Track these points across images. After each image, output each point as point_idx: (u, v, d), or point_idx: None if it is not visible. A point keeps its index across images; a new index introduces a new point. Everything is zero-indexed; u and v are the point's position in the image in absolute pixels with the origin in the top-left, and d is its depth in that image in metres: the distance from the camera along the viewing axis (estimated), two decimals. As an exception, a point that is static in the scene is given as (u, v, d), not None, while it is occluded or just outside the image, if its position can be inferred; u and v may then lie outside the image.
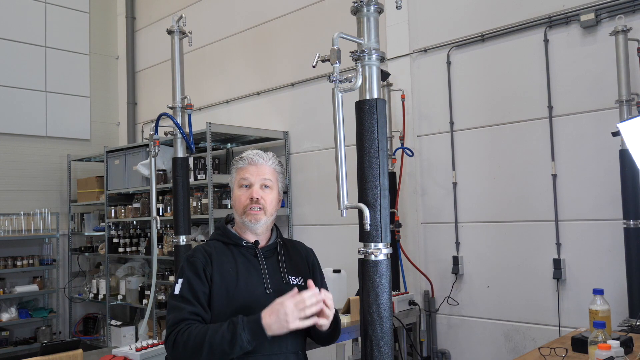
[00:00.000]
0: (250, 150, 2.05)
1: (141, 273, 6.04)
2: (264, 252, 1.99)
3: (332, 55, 1.72)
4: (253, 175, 1.99)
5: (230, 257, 1.94)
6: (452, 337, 4.11)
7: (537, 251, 3.68)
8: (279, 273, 1.97)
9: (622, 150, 3.12)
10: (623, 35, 3.16)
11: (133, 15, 7.28)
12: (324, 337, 1.99)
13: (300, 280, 2.00)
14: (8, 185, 6.28)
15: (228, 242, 1.99)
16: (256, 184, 1.98)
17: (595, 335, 2.02)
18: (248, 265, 1.94)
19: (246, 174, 1.99)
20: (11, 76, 6.36)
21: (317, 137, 4.97)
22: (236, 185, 2.01)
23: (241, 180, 1.99)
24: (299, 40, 5.16)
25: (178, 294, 1.87)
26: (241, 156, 2.04)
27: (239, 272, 1.91)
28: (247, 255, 1.97)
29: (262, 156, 2.02)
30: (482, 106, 3.98)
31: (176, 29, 3.21)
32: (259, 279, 1.92)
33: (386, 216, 1.77)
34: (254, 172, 1.99)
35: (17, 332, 6.18)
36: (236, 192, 2.00)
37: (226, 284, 1.88)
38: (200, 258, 1.91)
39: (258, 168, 2.00)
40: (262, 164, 2.01)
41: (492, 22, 3.91)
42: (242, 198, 1.97)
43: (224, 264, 1.92)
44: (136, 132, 7.19)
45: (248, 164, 2.00)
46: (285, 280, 1.96)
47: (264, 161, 2.01)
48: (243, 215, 1.96)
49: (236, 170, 2.03)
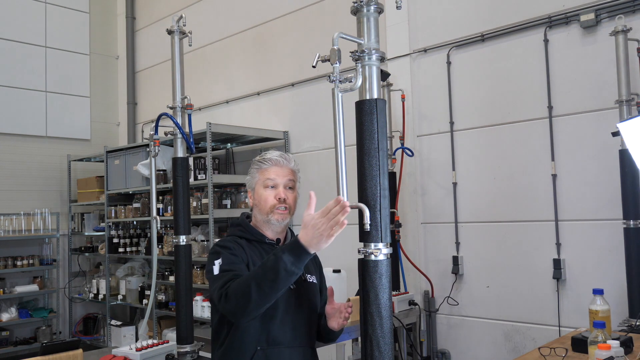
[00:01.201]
0: (272, 152, 2.11)
1: (141, 273, 6.04)
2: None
3: (332, 55, 1.72)
4: (279, 176, 2.05)
5: (257, 253, 2.02)
6: (452, 337, 4.11)
7: (537, 251, 3.68)
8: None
9: (622, 150, 3.12)
10: (623, 35, 3.16)
11: (133, 15, 7.28)
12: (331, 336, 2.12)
13: (314, 278, 2.09)
14: (8, 185, 6.28)
15: (251, 238, 2.06)
16: (281, 185, 2.04)
17: (595, 335, 2.02)
18: None
19: (272, 175, 2.04)
20: (11, 76, 6.36)
21: (317, 137, 4.97)
22: (260, 186, 2.05)
23: (267, 180, 2.04)
24: (299, 40, 5.16)
25: (218, 274, 1.90)
26: (264, 157, 2.09)
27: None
28: (268, 250, 2.04)
29: (286, 157, 2.09)
30: (482, 106, 3.98)
31: (176, 29, 3.21)
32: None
33: (386, 216, 1.77)
34: (279, 172, 2.05)
35: (17, 332, 6.18)
36: (261, 192, 2.05)
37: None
38: (233, 244, 2.00)
39: (282, 169, 2.06)
40: (285, 165, 2.07)
41: (492, 22, 3.91)
42: (269, 198, 2.02)
43: (252, 257, 2.00)
44: (136, 132, 7.19)
45: (273, 165, 2.06)
46: (304, 277, 2.04)
47: (287, 162, 2.08)
48: (270, 214, 2.02)
49: (259, 171, 2.07)
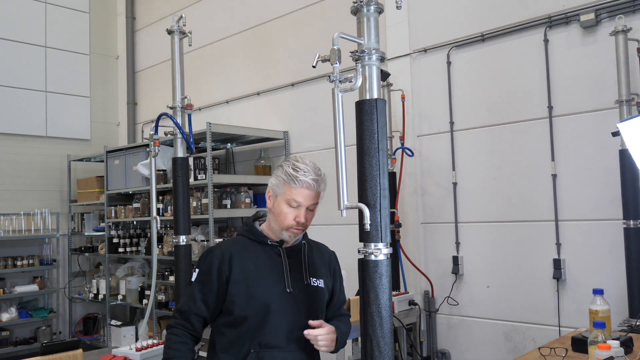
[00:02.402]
0: (308, 171, 1.99)
1: (141, 273, 6.04)
2: (288, 251, 2.03)
3: (332, 55, 1.72)
4: (305, 200, 1.98)
5: (253, 254, 2.00)
6: (452, 337, 4.11)
7: (537, 251, 3.68)
8: (301, 273, 2.01)
9: (622, 150, 3.12)
10: (623, 35, 3.16)
11: (133, 15, 7.28)
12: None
13: (321, 282, 2.04)
14: (8, 185, 6.28)
15: (253, 239, 2.04)
16: (304, 207, 1.99)
17: (595, 335, 2.02)
18: (270, 262, 1.99)
19: (299, 197, 1.97)
20: (11, 76, 6.36)
21: (317, 137, 4.97)
22: (283, 200, 1.98)
23: (292, 200, 1.97)
24: (299, 40, 5.16)
25: (193, 283, 2.02)
26: (298, 175, 1.97)
27: (259, 269, 1.96)
28: (271, 253, 2.01)
29: (318, 181, 2.00)
30: (482, 106, 3.98)
31: (176, 29, 3.21)
32: (279, 277, 1.97)
33: (386, 216, 1.77)
34: (307, 196, 1.98)
35: (17, 332, 6.18)
36: (282, 207, 1.98)
37: (246, 280, 1.94)
38: (217, 255, 1.98)
39: (312, 193, 1.99)
40: (315, 190, 2.00)
41: (492, 22, 3.91)
42: (289, 217, 1.98)
43: (244, 259, 1.97)
44: (136, 132, 7.19)
45: (304, 187, 1.97)
46: (307, 281, 2.01)
47: (318, 187, 2.00)
48: (284, 230, 1.99)
49: (287, 185, 1.98)
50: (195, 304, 1.98)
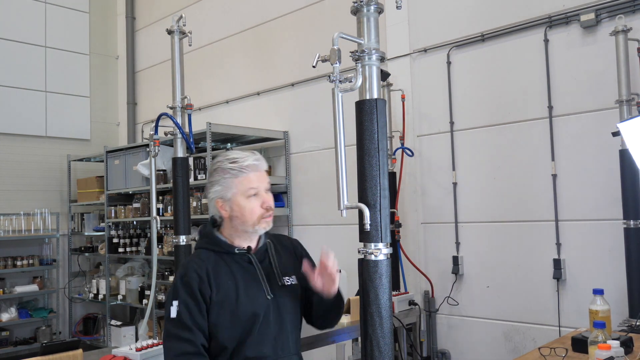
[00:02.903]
0: (244, 156, 1.90)
1: (141, 273, 6.04)
2: (257, 256, 1.92)
3: (332, 55, 1.72)
4: (261, 182, 1.88)
5: (226, 269, 1.86)
6: (452, 337, 4.11)
7: (537, 251, 3.68)
8: (273, 275, 1.92)
9: (622, 150, 3.12)
10: (623, 35, 3.16)
11: (133, 15, 7.28)
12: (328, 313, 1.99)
13: (293, 279, 1.96)
14: (8, 185, 6.28)
15: (219, 250, 1.90)
16: (263, 191, 1.89)
17: (595, 335, 2.02)
18: (245, 274, 1.88)
19: (254, 183, 1.87)
20: (11, 76, 6.36)
21: (317, 137, 4.97)
22: (241, 196, 1.86)
23: (250, 189, 1.86)
24: (299, 40, 5.16)
25: (176, 319, 1.78)
26: (239, 163, 1.87)
27: (238, 285, 1.84)
28: (241, 262, 1.90)
29: (261, 160, 1.92)
30: (482, 106, 3.98)
31: (176, 29, 3.21)
32: (258, 286, 1.87)
33: (386, 216, 1.77)
34: (260, 178, 1.89)
35: (17, 332, 6.18)
36: (244, 203, 1.86)
37: (229, 300, 1.81)
38: (195, 277, 1.81)
39: (261, 174, 1.89)
40: (262, 170, 1.90)
41: (492, 22, 3.91)
42: (256, 208, 1.86)
43: (221, 277, 1.84)
44: (136, 132, 7.19)
45: (252, 171, 1.87)
46: (280, 282, 1.91)
47: (264, 166, 1.92)
48: (257, 224, 1.88)
49: (235, 179, 1.86)
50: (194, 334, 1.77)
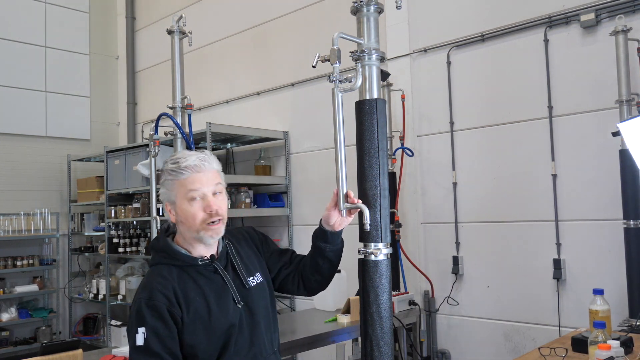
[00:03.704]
0: (186, 155, 1.76)
1: (141, 273, 6.04)
2: (220, 262, 1.80)
3: (332, 55, 1.72)
4: (204, 185, 1.73)
5: (192, 284, 1.73)
6: (452, 337, 4.11)
7: (537, 251, 3.68)
8: (239, 280, 1.82)
9: (622, 150, 3.12)
10: (623, 35, 3.16)
11: (133, 15, 7.28)
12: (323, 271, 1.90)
13: (258, 276, 1.87)
14: (8, 185, 6.28)
15: (180, 264, 1.76)
16: (209, 194, 1.74)
17: (595, 335, 2.02)
18: (213, 286, 1.76)
19: (195, 185, 1.72)
20: (11, 76, 6.35)
21: (317, 137, 4.97)
22: (183, 199, 1.73)
23: (190, 192, 1.71)
24: (299, 40, 5.16)
25: (143, 346, 1.62)
26: (178, 164, 1.74)
27: (208, 299, 1.72)
28: (207, 274, 1.77)
29: (206, 159, 1.76)
30: (482, 106, 3.97)
31: (176, 29, 3.21)
32: (228, 296, 1.77)
33: (386, 216, 1.77)
34: (203, 180, 1.73)
35: (17, 332, 6.18)
36: (185, 207, 1.72)
37: (201, 317, 1.70)
38: (162, 299, 1.66)
39: (206, 175, 1.74)
40: (209, 170, 1.75)
41: (492, 22, 3.91)
42: (198, 213, 1.71)
43: (189, 294, 1.71)
44: (136, 132, 7.19)
45: (193, 172, 1.72)
46: (247, 285, 1.81)
47: (209, 165, 1.76)
48: (201, 231, 1.73)
49: (176, 182, 1.73)
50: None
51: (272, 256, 2.00)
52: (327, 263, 1.90)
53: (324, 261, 1.90)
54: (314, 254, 1.91)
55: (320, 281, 1.95)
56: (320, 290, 2.01)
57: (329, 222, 1.85)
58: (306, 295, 2.02)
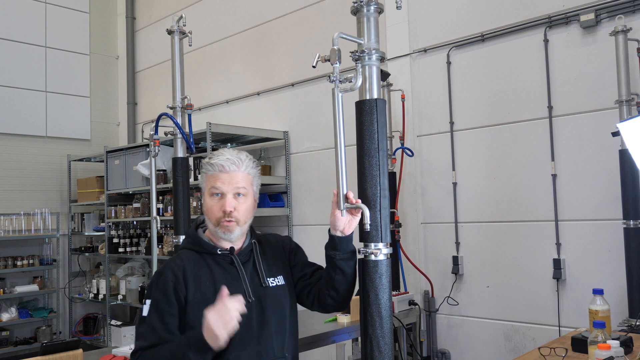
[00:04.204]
0: (221, 153, 1.85)
1: (141, 273, 6.04)
2: (240, 257, 1.87)
3: (332, 55, 1.73)
4: (225, 184, 1.81)
5: (206, 270, 1.82)
6: (452, 337, 4.11)
7: (537, 251, 3.68)
8: (257, 277, 1.86)
9: (622, 150, 3.12)
10: (623, 35, 3.16)
11: (133, 15, 7.28)
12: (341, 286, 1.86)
13: (280, 279, 1.91)
14: (8, 185, 6.28)
15: (201, 250, 1.86)
16: (229, 194, 1.81)
17: (595, 335, 2.02)
18: (226, 275, 1.83)
19: (217, 183, 1.81)
20: (11, 76, 6.36)
21: (317, 137, 4.97)
22: (207, 193, 1.84)
23: (212, 189, 1.82)
24: (299, 40, 5.16)
25: (146, 317, 1.76)
26: (211, 160, 1.84)
27: (217, 287, 1.75)
28: (224, 263, 1.84)
29: (235, 162, 1.83)
30: (482, 106, 3.98)
31: (176, 29, 3.21)
32: (239, 289, 1.80)
33: (386, 216, 1.77)
34: (225, 180, 1.81)
35: (17, 332, 6.18)
36: (207, 201, 1.84)
37: (205, 301, 1.73)
38: (170, 276, 1.77)
39: (230, 176, 1.81)
40: (234, 171, 1.82)
41: (492, 22, 3.91)
42: (215, 209, 1.81)
43: (200, 278, 1.79)
44: (136, 132, 7.19)
45: (219, 171, 1.82)
46: (264, 284, 1.86)
47: (236, 167, 1.82)
48: (217, 226, 1.83)
49: (206, 176, 1.85)
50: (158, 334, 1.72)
51: (296, 266, 2.00)
52: (340, 275, 1.84)
53: (336, 273, 1.84)
54: (327, 267, 1.89)
55: (335, 297, 1.88)
56: (337, 310, 1.97)
57: (337, 227, 1.82)
58: (322, 311, 1.97)
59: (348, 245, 1.85)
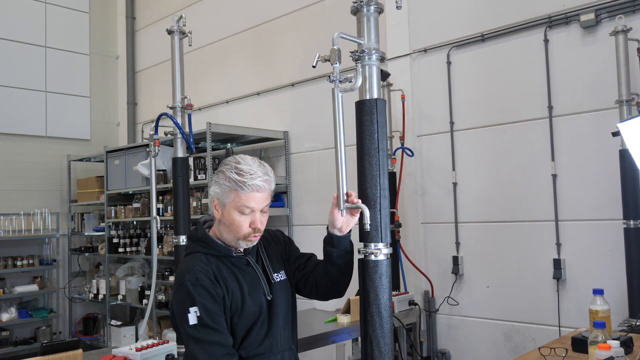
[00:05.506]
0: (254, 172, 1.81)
1: (141, 273, 6.04)
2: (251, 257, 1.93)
3: (332, 55, 1.72)
4: (258, 204, 1.82)
5: (228, 272, 1.85)
6: (452, 337, 4.11)
7: (537, 251, 3.68)
8: (265, 274, 1.93)
9: (622, 150, 3.12)
10: (623, 35, 3.16)
11: (133, 15, 7.28)
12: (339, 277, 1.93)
13: (282, 274, 1.97)
14: (8, 185, 6.28)
15: (216, 254, 1.87)
16: (258, 210, 1.83)
17: (595, 335, 2.02)
18: (246, 276, 1.88)
19: (251, 203, 1.80)
20: (11, 76, 6.36)
21: (317, 137, 4.97)
22: (233, 209, 1.81)
23: (243, 208, 1.80)
24: (299, 40, 5.16)
25: (198, 324, 1.72)
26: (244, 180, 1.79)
27: (243, 288, 1.84)
28: (240, 265, 1.89)
29: (269, 181, 1.84)
30: (482, 106, 3.98)
31: (176, 29, 3.21)
32: (259, 288, 1.88)
33: (386, 216, 1.77)
34: (258, 200, 1.82)
35: (17, 332, 6.18)
36: (234, 216, 1.81)
37: (235, 303, 1.81)
38: (207, 280, 1.78)
39: (263, 194, 1.83)
40: (266, 190, 1.83)
41: (492, 22, 3.91)
42: (244, 225, 1.82)
43: (227, 281, 1.83)
44: (136, 132, 7.19)
45: (254, 191, 1.80)
46: (272, 280, 1.92)
47: (269, 186, 1.84)
48: (240, 240, 1.85)
49: (234, 192, 1.80)
50: (222, 335, 1.75)
51: (291, 258, 2.07)
52: (335, 269, 1.91)
53: (332, 267, 1.91)
54: (324, 261, 1.96)
55: (330, 287, 1.98)
56: (334, 297, 2.05)
57: (335, 225, 1.86)
58: (320, 299, 2.09)
59: (345, 243, 1.91)
